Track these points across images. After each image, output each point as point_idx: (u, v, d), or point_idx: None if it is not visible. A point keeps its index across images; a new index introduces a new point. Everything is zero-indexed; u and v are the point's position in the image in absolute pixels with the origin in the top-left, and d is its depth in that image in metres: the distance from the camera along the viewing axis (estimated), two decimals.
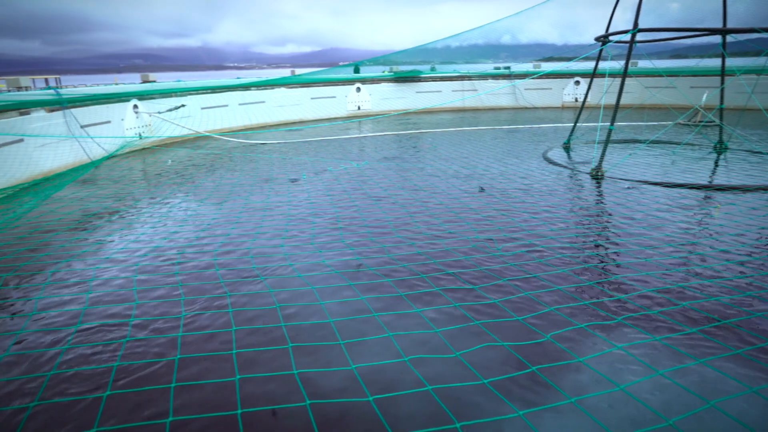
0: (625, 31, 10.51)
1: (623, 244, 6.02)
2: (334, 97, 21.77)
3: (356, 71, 22.88)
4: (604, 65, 12.64)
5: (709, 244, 5.93)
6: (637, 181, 9.03)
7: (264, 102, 19.63)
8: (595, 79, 13.04)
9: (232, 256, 5.84)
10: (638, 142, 13.39)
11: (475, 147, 13.50)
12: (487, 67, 25.35)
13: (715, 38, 11.12)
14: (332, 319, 4.25)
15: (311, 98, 21.11)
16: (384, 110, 21.90)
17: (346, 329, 4.10)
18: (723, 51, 11.29)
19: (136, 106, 14.83)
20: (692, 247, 5.85)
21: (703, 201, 7.88)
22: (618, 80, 10.17)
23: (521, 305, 4.46)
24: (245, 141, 15.34)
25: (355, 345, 3.87)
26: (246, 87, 19.26)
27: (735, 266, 5.23)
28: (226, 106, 18.31)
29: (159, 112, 15.34)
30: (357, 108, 22.18)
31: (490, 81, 24.27)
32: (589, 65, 14.10)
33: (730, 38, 10.94)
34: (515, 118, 19.89)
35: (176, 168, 11.66)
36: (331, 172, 10.53)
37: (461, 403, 3.18)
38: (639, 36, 10.21)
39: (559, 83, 23.69)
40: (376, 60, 24.67)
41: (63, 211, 8.12)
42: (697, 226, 6.67)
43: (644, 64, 18.05)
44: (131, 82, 21.12)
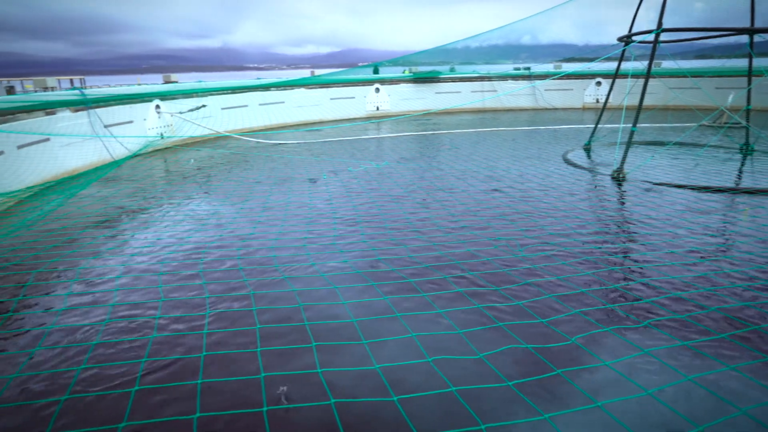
0: (648, 31, 10.35)
1: (647, 247, 5.91)
2: (353, 97, 21.81)
3: (375, 72, 22.88)
4: (626, 66, 12.44)
5: (735, 248, 5.80)
6: (660, 184, 8.88)
7: (284, 102, 19.74)
8: (617, 79, 12.87)
9: (254, 255, 5.88)
10: (661, 144, 13.17)
11: (495, 148, 13.41)
12: (507, 68, 25.15)
13: (742, 38, 10.89)
14: (355, 319, 4.24)
15: (330, 99, 21.17)
16: (403, 111, 21.87)
17: (368, 329, 4.09)
18: (750, 51, 11.05)
19: (158, 106, 15.01)
20: (717, 251, 5.73)
21: (729, 204, 7.72)
22: (641, 81, 10.01)
23: (545, 307, 4.41)
24: (265, 141, 15.43)
25: (378, 345, 3.86)
26: (266, 87, 19.39)
27: (762, 271, 5.11)
28: (246, 106, 18.45)
29: (180, 113, 15.51)
30: (376, 109, 22.18)
31: (509, 82, 24.09)
32: (611, 66, 13.92)
33: (757, 38, 10.71)
34: (535, 119, 19.72)
35: (198, 167, 11.78)
36: (351, 172, 10.55)
37: (486, 405, 3.15)
38: (663, 36, 10.04)
39: (580, 84, 23.42)
40: (396, 61, 24.64)
41: (89, 208, 8.27)
42: (722, 229, 6.54)
43: (668, 64, 17.76)
44: (153, 82, 21.43)
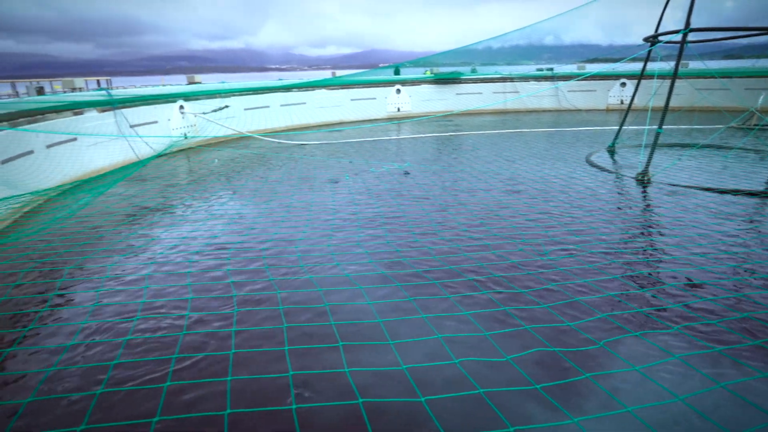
0: (675, 31, 10.14)
1: (674, 251, 5.79)
2: (374, 98, 21.83)
3: (396, 73, 22.88)
4: (652, 66, 12.22)
5: (764, 253, 5.64)
6: (687, 187, 8.69)
7: (305, 103, 19.86)
8: (642, 80, 12.64)
9: (279, 254, 5.92)
10: (688, 146, 12.90)
11: (517, 149, 13.30)
12: (530, 69, 24.94)
13: None
14: (381, 319, 4.24)
15: (351, 100, 21.23)
16: (424, 112, 21.83)
17: (394, 329, 4.09)
18: None
19: (182, 107, 15.22)
20: (747, 256, 5.58)
21: (758, 208, 7.51)
22: (667, 82, 9.82)
23: (571, 310, 4.35)
24: (287, 141, 15.53)
25: (404, 345, 3.85)
26: (288, 88, 19.54)
27: None
28: (268, 107, 18.60)
29: (204, 113, 15.71)
30: (397, 110, 22.18)
31: (532, 83, 23.86)
32: (637, 66, 13.70)
33: None
34: (558, 121, 19.50)
35: (221, 167, 11.90)
36: (373, 173, 10.55)
37: (513, 408, 3.13)
38: (691, 36, 9.83)
39: (604, 85, 23.09)
40: (417, 62, 24.61)
41: (117, 207, 8.43)
42: (751, 233, 6.36)
43: (695, 64, 17.39)
44: (177, 83, 21.75)
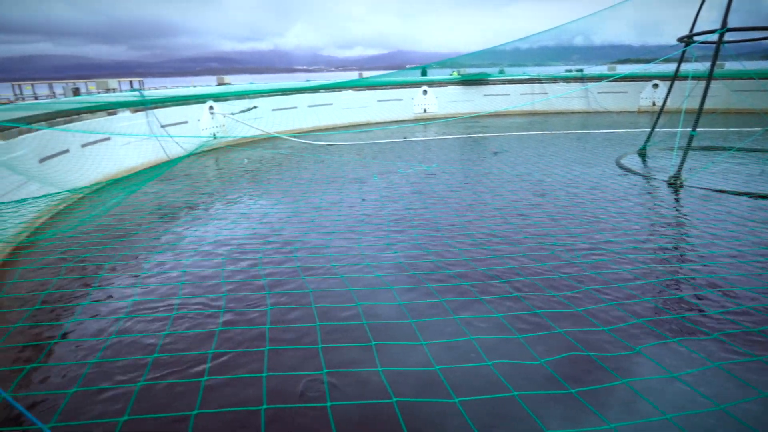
0: (711, 31, 9.91)
1: (708, 256, 5.66)
2: (401, 99, 21.86)
3: (423, 74, 22.86)
4: (686, 67, 11.96)
5: None
6: (721, 191, 8.49)
7: (332, 104, 20.00)
8: (675, 82, 12.38)
9: (309, 254, 5.98)
10: (723, 149, 12.58)
11: (546, 151, 13.17)
12: (558, 70, 24.64)
13: None
14: (413, 320, 4.25)
15: (378, 101, 21.29)
16: (451, 113, 21.77)
17: (426, 330, 4.10)
18: None
19: (211, 107, 15.48)
20: None
21: None
22: (701, 83, 9.60)
23: (606, 315, 4.30)
24: (315, 142, 15.66)
25: (436, 346, 3.85)
26: (315, 89, 19.71)
27: None
28: (296, 108, 18.78)
29: (232, 113, 15.94)
30: (423, 111, 22.16)
31: (561, 84, 23.56)
32: (670, 67, 13.41)
33: None
34: (587, 123, 19.24)
35: (251, 167, 12.08)
36: (402, 173, 10.57)
37: (548, 412, 3.11)
38: (727, 36, 9.59)
39: (635, 86, 22.66)
40: (443, 63, 24.55)
41: (151, 204, 8.65)
42: None
43: (731, 65, 16.95)
44: (207, 84, 22.12)
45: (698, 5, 11.02)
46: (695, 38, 10.91)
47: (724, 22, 9.34)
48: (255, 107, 16.83)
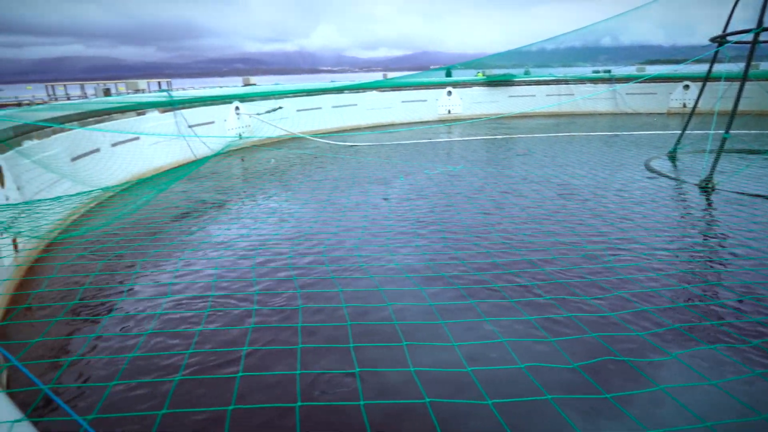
0: (746, 31, 9.68)
1: (744, 263, 5.52)
2: (425, 100, 21.82)
3: (448, 75, 22.78)
4: (719, 68, 11.70)
5: None
6: (754, 195, 8.28)
7: (356, 105, 20.06)
8: (707, 83, 12.11)
9: (337, 253, 6.01)
10: (757, 152, 12.27)
11: (572, 153, 13.01)
12: (585, 71, 24.30)
13: None
14: (443, 321, 4.24)
15: (402, 102, 21.29)
16: (475, 114, 21.65)
17: (456, 331, 4.09)
18: None
19: (237, 108, 15.66)
20: None
21: None
22: (735, 84, 9.38)
23: (639, 320, 4.23)
24: (339, 143, 15.73)
25: (467, 348, 3.84)
26: (339, 90, 19.80)
27: None
28: (320, 108, 18.89)
29: (258, 114, 16.11)
30: (447, 112, 22.08)
31: (588, 85, 23.23)
32: (701, 68, 13.13)
33: None
34: (615, 124, 18.94)
35: (277, 167, 12.20)
36: (428, 174, 10.57)
37: (581, 416, 3.08)
38: (763, 35, 9.35)
39: (665, 87, 22.20)
40: (468, 64, 24.43)
41: (182, 203, 8.81)
42: None
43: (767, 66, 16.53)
44: (233, 84, 22.38)
45: (732, 4, 10.77)
46: (729, 38, 10.67)
47: (760, 21, 9.11)
48: (280, 108, 16.98)
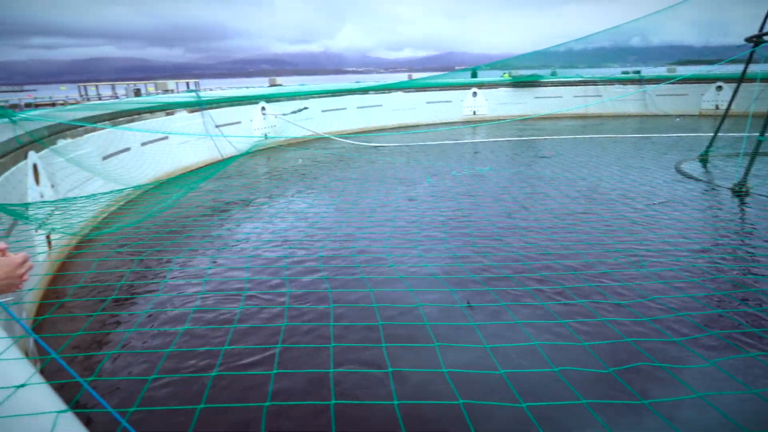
0: None
1: None
2: (450, 101, 21.72)
3: (474, 76, 22.65)
4: (754, 68, 11.40)
5: None
6: None
7: (381, 105, 20.08)
8: (742, 84, 11.80)
9: (367, 254, 6.03)
10: None
11: (600, 155, 12.83)
12: (614, 71, 23.90)
13: None
14: (475, 323, 4.24)
15: (427, 102, 21.24)
16: (500, 115, 21.46)
17: (487, 333, 4.08)
18: None
19: (263, 108, 15.82)
20: None
21: None
22: None
23: (675, 325, 4.16)
24: (365, 143, 15.77)
25: (499, 350, 3.83)
26: (364, 91, 19.86)
27: None
28: (345, 109, 18.96)
29: (284, 114, 16.25)
30: (473, 113, 21.95)
31: (616, 86, 22.83)
32: (735, 69, 12.83)
33: None
34: (644, 126, 18.61)
35: (304, 167, 12.29)
36: (455, 176, 10.54)
37: (617, 421, 3.05)
38: None
39: (696, 89, 21.68)
40: (494, 64, 24.24)
41: (213, 202, 8.96)
42: None
43: None
44: (260, 85, 22.62)
45: None
46: (765, 38, 10.40)
47: None
48: (306, 108, 17.09)
